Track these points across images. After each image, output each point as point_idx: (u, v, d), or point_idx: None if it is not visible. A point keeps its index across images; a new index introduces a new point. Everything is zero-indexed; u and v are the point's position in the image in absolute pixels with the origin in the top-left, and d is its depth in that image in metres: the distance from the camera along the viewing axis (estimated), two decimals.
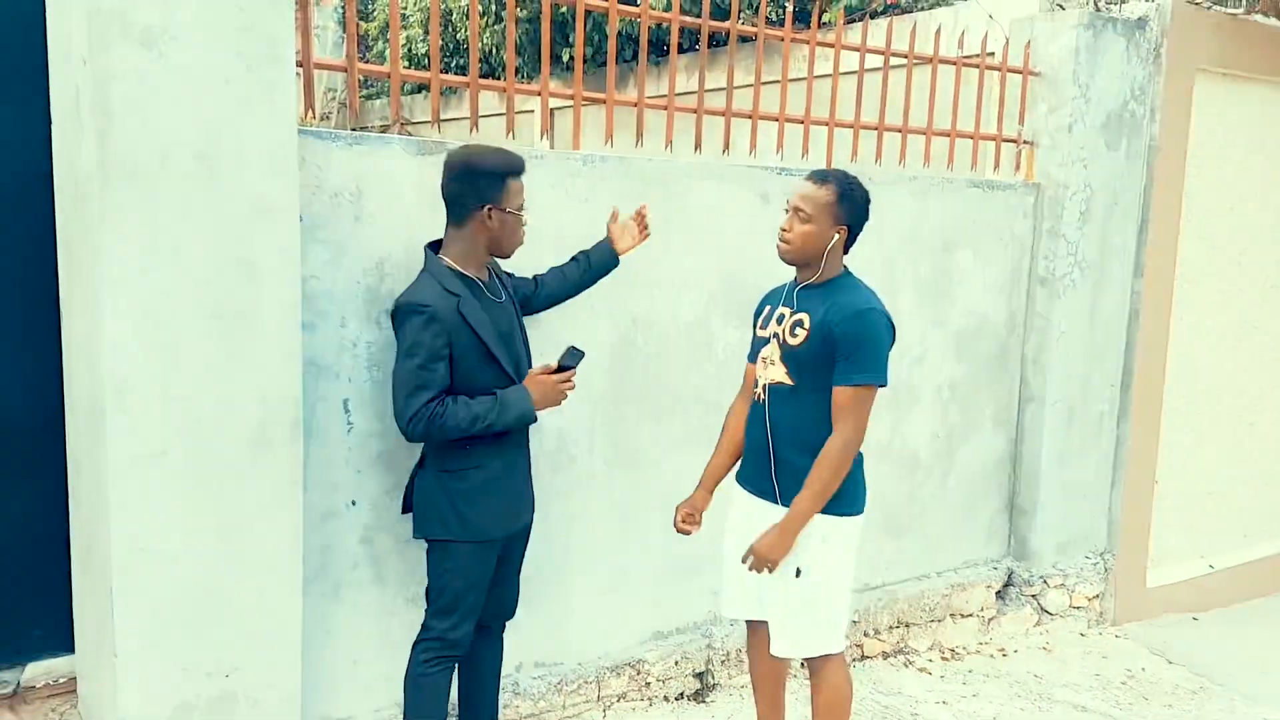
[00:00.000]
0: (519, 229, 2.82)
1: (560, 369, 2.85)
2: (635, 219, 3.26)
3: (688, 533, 3.15)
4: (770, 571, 2.85)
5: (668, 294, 3.61)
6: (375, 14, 10.37)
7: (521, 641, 3.43)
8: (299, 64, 2.84)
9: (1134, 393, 4.83)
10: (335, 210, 2.90)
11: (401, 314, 2.69)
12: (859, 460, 2.95)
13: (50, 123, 2.89)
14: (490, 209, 2.74)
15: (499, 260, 2.95)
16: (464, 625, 2.88)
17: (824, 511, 2.88)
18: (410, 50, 9.12)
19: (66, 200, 2.77)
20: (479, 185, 2.73)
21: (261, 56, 2.59)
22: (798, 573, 2.89)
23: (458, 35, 8.51)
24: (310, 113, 2.92)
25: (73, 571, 3.11)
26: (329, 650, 3.09)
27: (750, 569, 2.87)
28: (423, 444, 2.86)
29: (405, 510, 2.97)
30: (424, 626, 2.90)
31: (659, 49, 7.31)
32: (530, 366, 2.97)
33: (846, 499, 2.91)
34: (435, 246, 2.84)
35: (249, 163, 2.60)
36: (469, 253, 2.79)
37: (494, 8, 7.74)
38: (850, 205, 2.89)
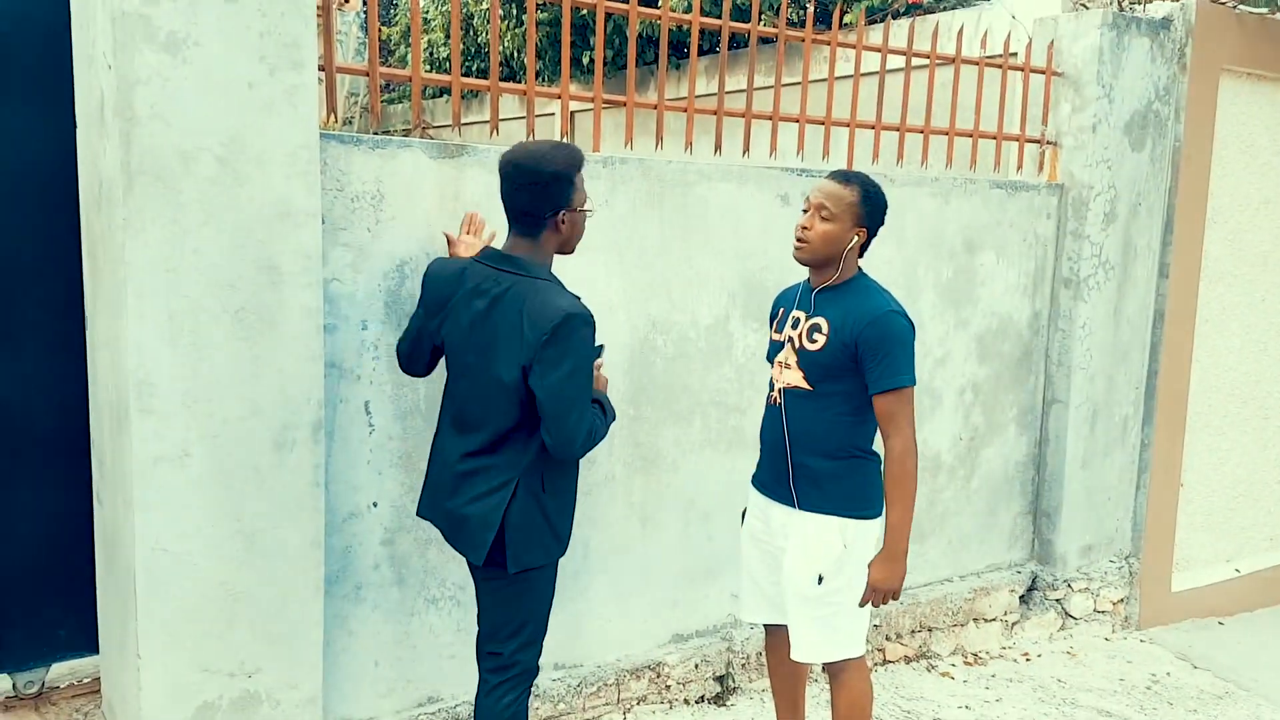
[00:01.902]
0: (584, 223, 2.69)
1: None
2: None
3: None
4: (896, 599, 2.88)
5: (686, 296, 3.60)
6: (397, 19, 10.42)
7: None
8: (321, 68, 2.86)
9: (1158, 395, 4.79)
10: (357, 213, 2.92)
11: (576, 325, 2.48)
12: (879, 462, 2.94)
13: (75, 126, 2.92)
14: (563, 214, 2.59)
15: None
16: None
17: (846, 515, 2.86)
18: (432, 54, 9.16)
19: (90, 203, 2.80)
20: (551, 192, 2.56)
21: (283, 61, 2.60)
22: (820, 579, 2.88)
23: (479, 39, 8.53)
24: (332, 116, 2.93)
25: (96, 572, 3.13)
26: (350, 651, 3.10)
27: (875, 606, 2.87)
28: (490, 470, 2.61)
29: (487, 558, 2.61)
30: (508, 663, 2.72)
31: (679, 51, 7.31)
32: None
33: (868, 502, 2.90)
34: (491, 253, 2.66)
35: (271, 166, 2.62)
36: (545, 259, 2.64)
37: (515, 11, 7.75)
38: (872, 207, 2.87)
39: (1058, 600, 4.66)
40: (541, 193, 2.56)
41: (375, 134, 3.39)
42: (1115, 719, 3.98)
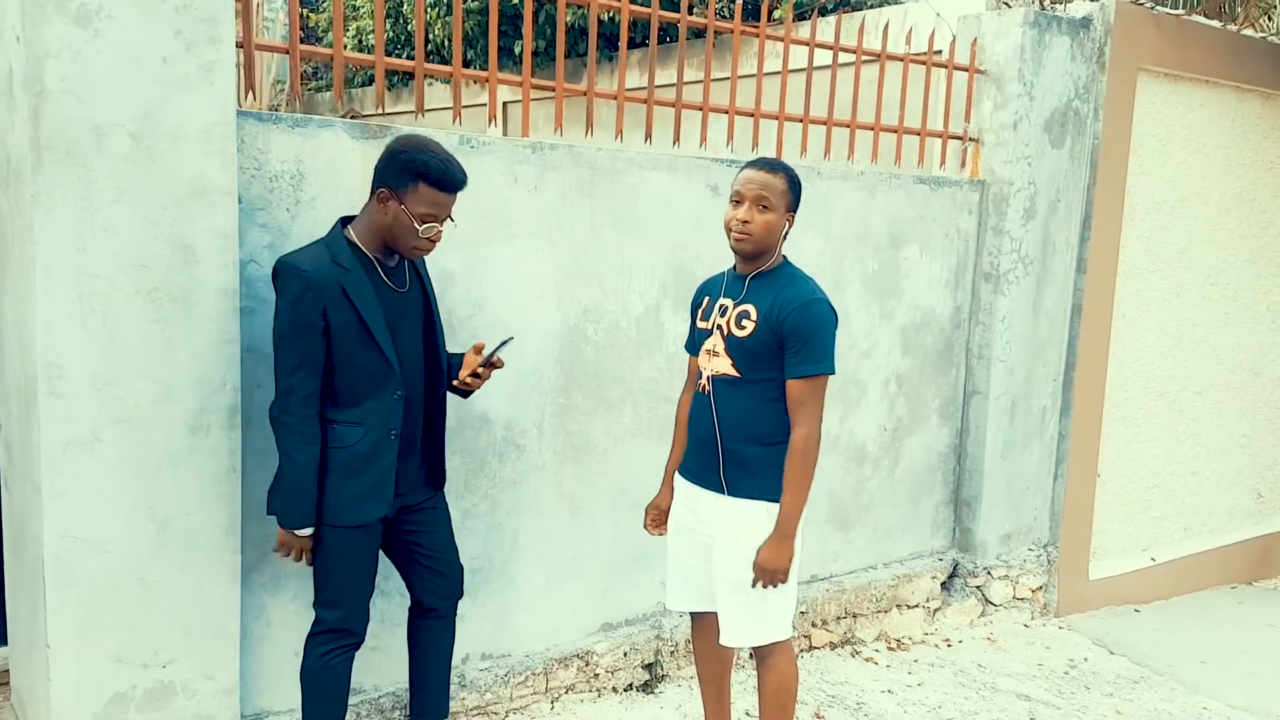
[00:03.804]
0: (410, 236, 2.65)
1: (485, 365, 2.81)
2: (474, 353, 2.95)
3: (660, 534, 3.18)
4: (784, 583, 2.84)
5: (618, 284, 3.60)
6: (324, 5, 10.27)
7: (468, 633, 3.41)
8: (239, 45, 2.80)
9: (1076, 387, 4.90)
10: (275, 194, 2.86)
11: (280, 275, 2.58)
12: None
13: None
14: (388, 195, 2.62)
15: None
16: (356, 613, 2.81)
17: (774, 500, 2.87)
18: (360, 40, 9.04)
19: None
20: (391, 167, 2.63)
21: (200, 36, 2.55)
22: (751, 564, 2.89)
23: (408, 27, 8.43)
24: (251, 95, 2.87)
25: (5, 561, 3.03)
26: (269, 642, 3.04)
27: (762, 586, 2.83)
28: None
29: None
30: (316, 619, 2.81)
31: (611, 43, 7.30)
32: (430, 365, 2.87)
33: None
34: (349, 220, 2.75)
35: (186, 143, 2.56)
36: (369, 232, 2.69)
37: None
38: (798, 193, 2.91)
39: (978, 587, 4.75)
40: (384, 159, 2.65)
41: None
42: (1034, 702, 4.07)
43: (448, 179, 2.64)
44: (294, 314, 2.55)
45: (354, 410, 2.68)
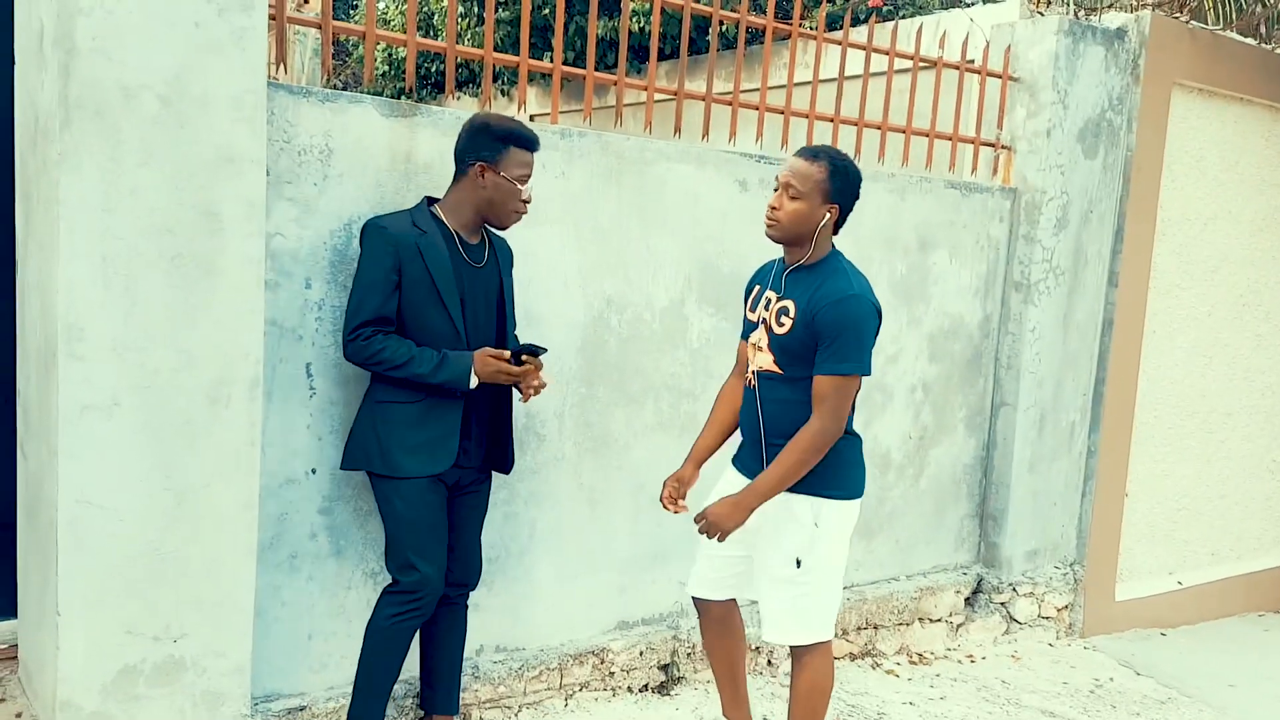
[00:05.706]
0: (513, 199, 2.82)
1: (515, 357, 2.82)
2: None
3: (672, 510, 3.01)
4: (720, 540, 2.78)
5: (643, 275, 3.55)
6: (357, 17, 10.34)
7: (483, 623, 3.35)
8: (272, 17, 2.79)
9: (1106, 403, 4.81)
10: (303, 167, 2.84)
11: (364, 232, 2.78)
12: (858, 443, 2.90)
13: (12, 61, 2.82)
14: (484, 168, 2.78)
15: (499, 234, 3.01)
16: (426, 571, 2.82)
17: (816, 494, 2.80)
18: (391, 55, 9.10)
19: (26, 138, 2.69)
20: (479, 141, 2.79)
21: (232, 2, 2.53)
22: (798, 563, 2.82)
23: (438, 39, 8.48)
24: (282, 67, 2.86)
25: (18, 529, 2.99)
26: (282, 623, 2.99)
27: (700, 531, 2.80)
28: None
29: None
30: (391, 580, 2.89)
31: (640, 56, 7.31)
32: (499, 345, 2.96)
33: (840, 482, 2.83)
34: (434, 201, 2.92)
35: (215, 109, 2.54)
36: (458, 208, 2.84)
37: (476, 9, 7.72)
38: (842, 183, 2.80)
39: (1003, 604, 4.65)
40: (467, 138, 2.81)
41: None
42: (1059, 719, 3.96)
43: (534, 139, 2.85)
44: (370, 265, 2.72)
45: None
